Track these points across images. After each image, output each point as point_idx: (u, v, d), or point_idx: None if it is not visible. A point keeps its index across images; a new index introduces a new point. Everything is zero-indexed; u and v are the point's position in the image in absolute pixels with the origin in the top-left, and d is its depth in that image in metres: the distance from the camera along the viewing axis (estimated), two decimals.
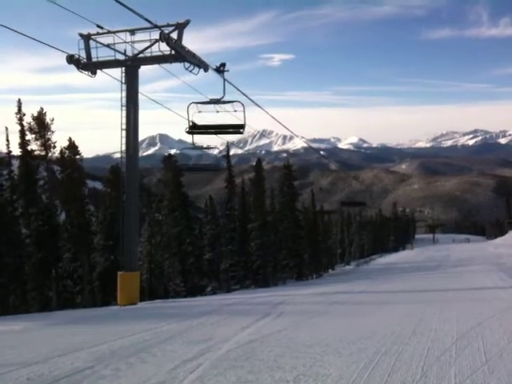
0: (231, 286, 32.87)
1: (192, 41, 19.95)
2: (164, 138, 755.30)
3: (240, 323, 8.85)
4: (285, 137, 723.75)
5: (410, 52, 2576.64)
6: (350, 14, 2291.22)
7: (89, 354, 6.53)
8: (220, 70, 16.18)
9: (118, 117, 16.45)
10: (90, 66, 16.67)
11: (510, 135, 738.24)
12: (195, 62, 16.04)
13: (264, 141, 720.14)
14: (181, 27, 15.33)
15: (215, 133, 17.90)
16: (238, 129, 16.97)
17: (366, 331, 7.69)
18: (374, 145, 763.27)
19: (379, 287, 18.66)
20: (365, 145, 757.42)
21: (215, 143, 19.50)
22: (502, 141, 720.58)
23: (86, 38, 16.51)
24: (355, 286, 19.86)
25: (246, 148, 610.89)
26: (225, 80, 16.18)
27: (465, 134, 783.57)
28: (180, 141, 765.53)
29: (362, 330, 7.84)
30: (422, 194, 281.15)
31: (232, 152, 42.73)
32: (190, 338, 7.57)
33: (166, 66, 16.55)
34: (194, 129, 17.24)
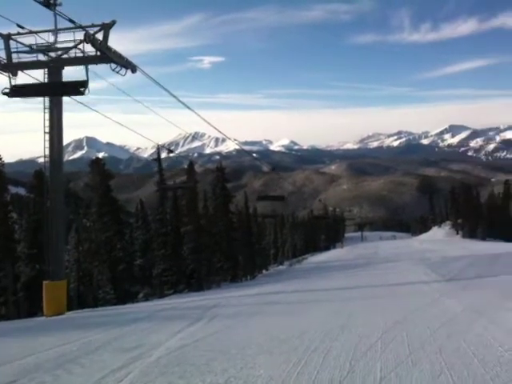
0: (164, 291, 32.33)
1: (119, 42, 19.47)
2: (91, 141, 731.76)
3: (172, 328, 8.72)
4: (217, 139, 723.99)
5: (339, 56, 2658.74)
6: (279, 17, 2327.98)
7: (12, 368, 6.22)
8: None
9: (42, 119, 15.74)
10: (10, 66, 15.81)
11: (431, 136, 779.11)
12: (122, 62, 15.61)
13: (196, 143, 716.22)
14: (106, 28, 14.89)
15: (44, 94, 15.43)
16: (76, 88, 14.39)
17: (298, 330, 7.80)
18: (305, 147, 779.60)
19: (311, 286, 19.02)
20: (296, 147, 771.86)
21: (145, 145, 18.79)
22: (425, 141, 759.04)
23: (6, 38, 15.69)
24: (288, 285, 20.12)
25: (178, 151, 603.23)
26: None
27: (390, 136, 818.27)
28: (108, 143, 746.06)
29: (293, 329, 7.95)
30: (351, 194, 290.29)
31: (163, 155, 42.03)
32: (119, 346, 7.37)
33: (92, 66, 16.01)
34: (15, 91, 15.03)
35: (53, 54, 15.84)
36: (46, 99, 15.80)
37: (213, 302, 13.44)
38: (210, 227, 38.66)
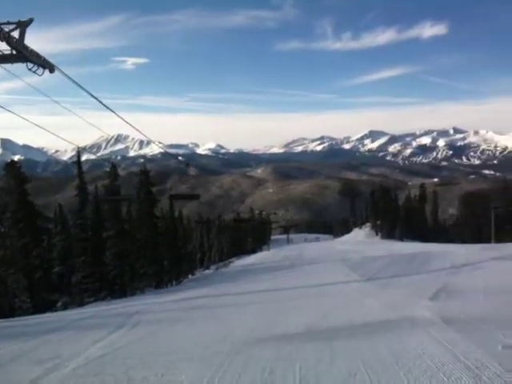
0: (84, 299, 31.06)
1: (37, 40, 18.50)
2: (7, 143, 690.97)
3: (91, 337, 8.40)
4: (142, 142, 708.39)
5: (264, 62, 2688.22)
6: (203, 20, 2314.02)
7: None
8: None
9: None
10: None
11: (352, 141, 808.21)
12: (39, 62, 14.85)
13: (119, 146, 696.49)
14: (23, 26, 14.08)
15: None
16: None
17: (222, 333, 7.78)
18: (232, 150, 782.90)
19: (236, 289, 19.05)
20: (223, 150, 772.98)
21: (65, 148, 18.02)
22: (346, 146, 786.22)
23: None
24: (214, 289, 20.05)
25: (100, 153, 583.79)
26: None
27: (313, 141, 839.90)
28: (25, 146, 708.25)
29: (218, 333, 7.91)
30: (277, 197, 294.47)
31: (84, 158, 40.53)
32: (35, 358, 6.99)
33: (7, 66, 15.08)
34: None
35: None
36: None
37: (135, 309, 13.10)
38: (133, 232, 37.67)
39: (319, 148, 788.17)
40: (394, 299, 9.96)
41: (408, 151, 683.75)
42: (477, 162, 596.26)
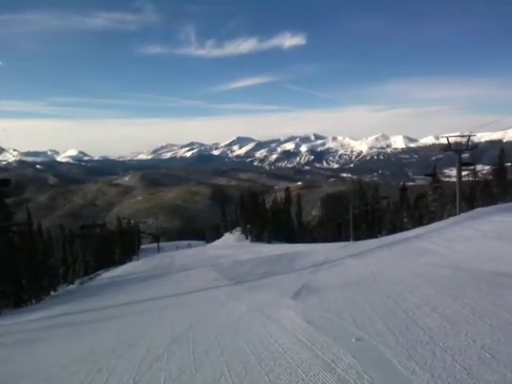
0: None
1: None
2: None
3: None
4: None
5: (129, 66, 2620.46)
6: (61, 22, 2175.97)
7: None
8: None
9: None
10: None
11: (221, 147, 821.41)
12: None
13: None
14: None
15: None
16: None
17: (84, 351, 7.36)
18: (96, 157, 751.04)
19: (102, 303, 18.20)
20: (86, 158, 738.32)
21: None
22: (215, 152, 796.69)
23: None
24: (77, 305, 18.99)
25: None
26: None
27: (183, 147, 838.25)
28: None
29: (80, 351, 7.48)
30: (146, 205, 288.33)
31: None
32: None
33: None
34: None
35: None
36: None
37: None
38: None
39: (188, 154, 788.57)
40: (259, 300, 10.23)
41: (274, 156, 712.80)
42: (335, 165, 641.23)
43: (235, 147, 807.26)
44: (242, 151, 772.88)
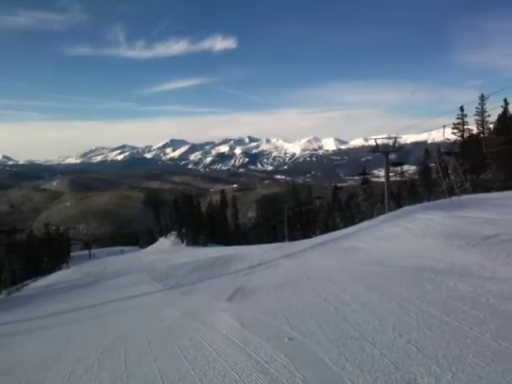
0: None
1: None
2: None
3: None
4: None
5: (55, 67, 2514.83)
6: None
7: None
8: None
9: None
10: None
11: (154, 150, 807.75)
12: None
13: None
14: None
15: None
16: None
17: (10, 364, 7.01)
18: (21, 162, 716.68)
19: (29, 314, 17.35)
20: (10, 162, 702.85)
21: None
22: (148, 155, 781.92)
23: None
24: (2, 317, 17.97)
25: None
26: None
27: (113, 150, 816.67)
28: None
29: (5, 364, 7.13)
30: (76, 211, 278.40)
31: None
32: None
33: None
34: None
35: None
36: None
37: None
38: None
39: (120, 157, 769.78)
40: (194, 305, 10.16)
41: (208, 159, 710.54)
42: (270, 167, 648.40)
43: (168, 150, 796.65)
44: (176, 154, 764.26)
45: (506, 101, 39.53)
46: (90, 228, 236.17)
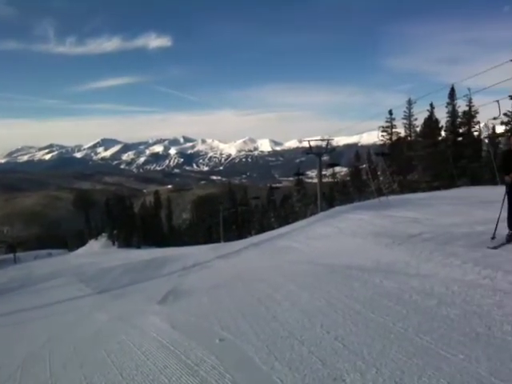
0: None
1: None
2: None
3: None
4: None
5: None
6: None
7: None
8: None
9: None
10: None
11: (84, 149, 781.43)
12: None
13: None
14: None
15: None
16: None
17: None
18: None
19: None
20: None
21: None
22: (78, 155, 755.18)
23: None
24: None
25: None
26: None
27: (41, 149, 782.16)
28: None
29: None
30: (1, 212, 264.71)
31: None
32: None
33: None
34: None
35: None
36: None
37: None
38: None
39: (48, 157, 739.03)
40: (124, 308, 9.93)
41: (142, 159, 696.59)
42: (205, 168, 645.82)
43: (100, 149, 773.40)
44: (108, 154, 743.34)
45: (431, 105, 41.55)
46: (15, 230, 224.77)
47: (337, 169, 64.66)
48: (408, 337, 4.78)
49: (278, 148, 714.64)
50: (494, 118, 35.26)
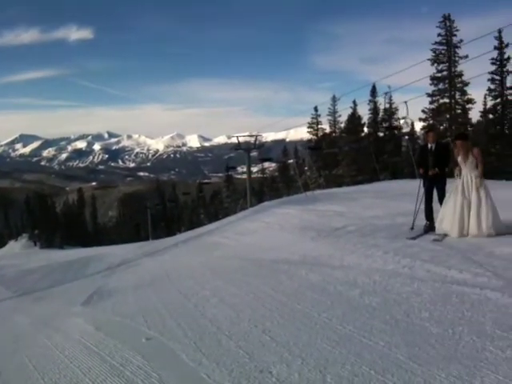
0: None
1: None
2: None
3: None
4: None
5: None
6: None
7: None
8: None
9: None
10: None
11: (1, 146, 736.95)
12: None
13: None
14: None
15: None
16: None
17: None
18: None
19: None
20: None
21: None
22: None
23: None
24: None
25: None
26: None
27: None
28: None
29: None
30: None
31: None
32: None
33: None
34: None
35: None
36: None
37: None
38: None
39: None
40: (46, 311, 9.55)
41: (64, 156, 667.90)
42: (132, 164, 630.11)
43: (18, 146, 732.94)
44: (27, 150, 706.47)
45: (354, 102, 43.12)
46: None
47: (266, 164, 65.44)
48: (332, 326, 4.92)
49: (206, 144, 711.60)
50: (403, 118, 37.35)
